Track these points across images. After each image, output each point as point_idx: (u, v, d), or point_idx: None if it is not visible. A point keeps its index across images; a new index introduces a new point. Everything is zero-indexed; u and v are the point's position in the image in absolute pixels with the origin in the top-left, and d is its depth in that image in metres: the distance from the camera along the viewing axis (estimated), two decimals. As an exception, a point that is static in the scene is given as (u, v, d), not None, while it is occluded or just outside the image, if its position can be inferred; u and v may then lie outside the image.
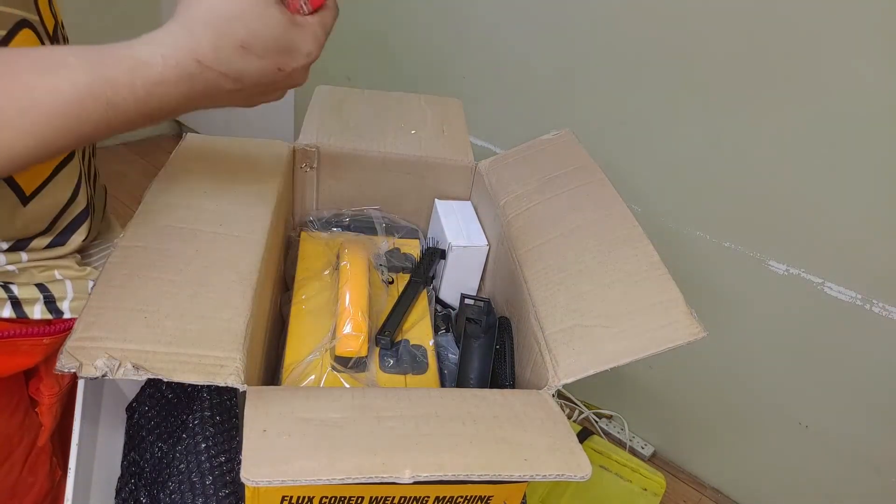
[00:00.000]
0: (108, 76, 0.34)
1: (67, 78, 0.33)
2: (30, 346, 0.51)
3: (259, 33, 0.38)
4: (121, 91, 0.34)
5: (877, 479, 1.13)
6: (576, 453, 0.39)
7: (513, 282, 0.58)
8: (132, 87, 0.34)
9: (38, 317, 0.51)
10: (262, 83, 0.40)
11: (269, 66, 0.39)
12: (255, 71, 0.39)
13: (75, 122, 0.34)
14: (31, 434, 0.56)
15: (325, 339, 0.54)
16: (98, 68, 0.34)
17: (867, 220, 0.98)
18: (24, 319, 0.50)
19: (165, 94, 0.36)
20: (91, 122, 0.34)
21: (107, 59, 0.34)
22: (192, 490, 0.46)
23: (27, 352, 0.51)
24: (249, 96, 0.41)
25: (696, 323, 0.45)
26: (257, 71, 0.39)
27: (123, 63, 0.34)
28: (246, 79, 0.39)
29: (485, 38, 1.33)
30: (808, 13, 0.93)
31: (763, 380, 1.20)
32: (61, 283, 0.53)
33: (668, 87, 1.10)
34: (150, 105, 0.36)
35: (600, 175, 0.63)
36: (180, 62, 0.36)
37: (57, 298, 0.52)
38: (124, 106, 0.35)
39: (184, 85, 0.36)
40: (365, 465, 0.36)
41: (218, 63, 0.37)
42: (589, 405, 1.46)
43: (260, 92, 0.42)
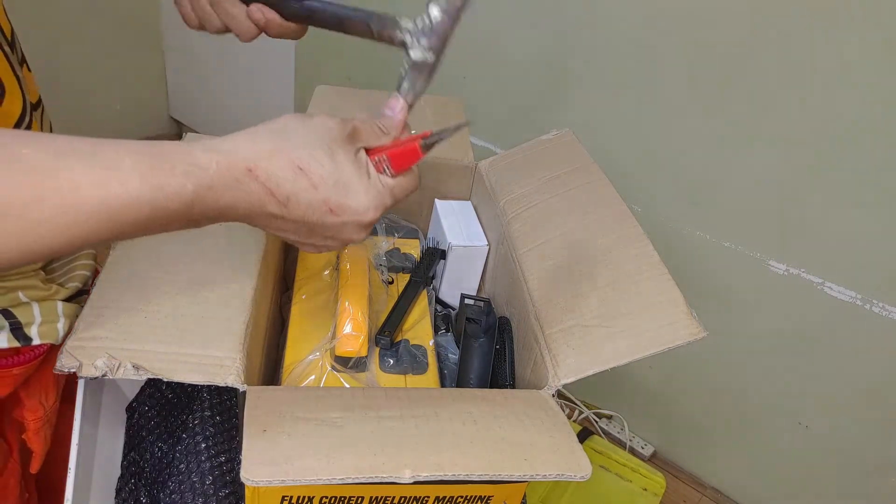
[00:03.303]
0: (161, 183, 0.32)
1: (119, 181, 0.31)
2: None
3: (321, 161, 0.36)
4: (170, 197, 0.32)
5: (877, 479, 1.13)
6: (576, 453, 0.39)
7: (513, 282, 0.58)
8: (181, 192, 0.33)
9: (4, 345, 0.47)
10: (308, 219, 0.36)
11: (320, 199, 0.36)
12: (304, 200, 0.36)
13: (116, 225, 0.32)
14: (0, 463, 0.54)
15: (325, 339, 0.54)
16: (152, 174, 0.32)
17: (867, 220, 0.98)
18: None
19: (211, 200, 0.34)
20: (131, 224, 0.33)
21: (163, 164, 0.32)
22: (192, 490, 0.46)
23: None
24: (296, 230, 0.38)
25: (696, 323, 0.45)
26: (306, 201, 0.36)
27: (178, 168, 0.33)
28: (292, 205, 0.36)
29: (485, 38, 1.32)
30: (808, 13, 0.93)
31: (763, 380, 1.20)
32: (27, 307, 0.49)
33: (669, 87, 1.10)
34: (194, 210, 0.34)
35: (600, 175, 0.63)
36: (231, 167, 0.34)
37: (24, 324, 0.48)
38: (170, 211, 0.33)
39: (229, 194, 0.34)
40: (365, 465, 0.36)
41: (268, 177, 0.34)
42: (589, 405, 1.46)
43: (307, 231, 0.38)
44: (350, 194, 0.37)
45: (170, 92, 2.27)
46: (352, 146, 0.38)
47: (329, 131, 0.37)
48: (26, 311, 0.49)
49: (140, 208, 0.32)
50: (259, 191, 0.35)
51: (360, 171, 0.38)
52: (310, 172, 0.35)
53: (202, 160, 0.33)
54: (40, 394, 0.54)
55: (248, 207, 0.35)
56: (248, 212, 0.35)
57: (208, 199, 0.34)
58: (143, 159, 0.32)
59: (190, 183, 0.33)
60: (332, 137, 0.37)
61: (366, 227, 0.39)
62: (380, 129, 0.40)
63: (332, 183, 0.36)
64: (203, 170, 0.33)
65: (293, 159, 0.35)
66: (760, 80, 1.00)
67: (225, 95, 2.10)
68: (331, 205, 0.36)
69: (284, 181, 0.35)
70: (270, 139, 0.36)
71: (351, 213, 0.37)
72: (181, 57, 2.16)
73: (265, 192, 0.35)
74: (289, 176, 0.35)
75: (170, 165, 0.32)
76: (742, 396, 1.24)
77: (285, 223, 0.37)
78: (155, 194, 0.32)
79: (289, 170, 0.35)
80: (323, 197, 0.36)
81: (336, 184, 0.36)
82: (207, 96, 2.17)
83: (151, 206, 0.32)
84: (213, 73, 2.08)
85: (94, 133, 0.33)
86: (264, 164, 0.35)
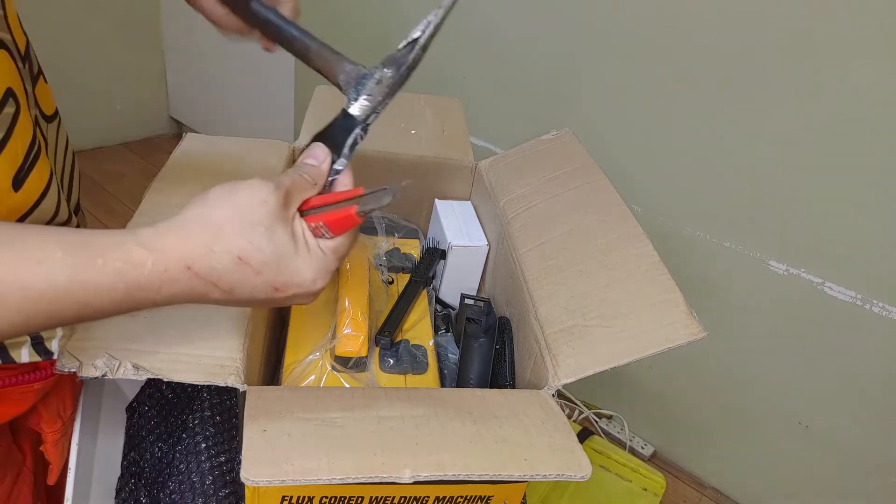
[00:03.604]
0: (91, 281, 0.31)
1: (46, 275, 0.31)
2: (20, 394, 0.49)
3: (261, 247, 0.34)
4: (101, 294, 0.32)
5: (877, 478, 1.13)
6: (576, 453, 0.39)
7: (513, 282, 0.58)
8: (113, 291, 0.32)
9: (25, 360, 0.47)
10: (256, 297, 0.36)
11: (264, 282, 0.35)
12: (248, 287, 0.35)
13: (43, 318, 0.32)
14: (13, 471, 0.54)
15: (325, 339, 0.54)
16: (82, 271, 0.31)
17: (867, 220, 0.98)
18: (11, 364, 0.47)
19: (145, 297, 0.33)
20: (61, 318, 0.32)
21: (95, 260, 0.32)
22: (192, 490, 0.46)
23: (17, 399, 0.49)
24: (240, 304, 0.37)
25: (696, 323, 0.45)
26: (250, 287, 0.35)
27: (110, 266, 0.32)
28: (237, 292, 0.35)
29: (485, 38, 1.32)
30: (808, 13, 0.93)
31: (763, 380, 1.20)
32: None
33: (669, 87, 1.10)
34: (127, 305, 0.33)
35: (600, 175, 0.63)
36: (169, 268, 0.33)
37: (45, 339, 0.48)
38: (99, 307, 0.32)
39: (167, 290, 0.33)
40: (365, 465, 0.36)
41: (209, 272, 0.34)
42: (589, 405, 1.46)
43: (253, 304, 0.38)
44: (294, 272, 0.36)
45: (170, 92, 2.27)
46: (286, 214, 0.36)
47: (263, 206, 0.35)
48: None
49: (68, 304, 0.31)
50: (200, 285, 0.34)
51: (300, 245, 0.36)
52: (250, 261, 0.34)
53: (136, 258, 0.32)
54: (58, 406, 0.54)
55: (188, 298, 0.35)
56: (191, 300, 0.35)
57: (141, 296, 0.33)
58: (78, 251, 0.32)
59: (121, 282, 0.32)
60: (267, 213, 0.35)
61: (316, 293, 0.38)
62: (306, 181, 0.39)
63: (275, 266, 0.35)
64: (137, 268, 0.32)
65: (231, 250, 0.34)
66: (760, 80, 1.00)
67: (225, 95, 2.11)
68: (276, 285, 0.36)
69: (226, 273, 0.34)
70: (204, 232, 0.34)
71: (296, 287, 0.36)
72: (181, 57, 2.16)
73: (208, 285, 0.34)
74: (230, 268, 0.34)
75: (101, 262, 0.32)
76: (742, 396, 1.24)
77: (230, 302, 0.36)
78: (84, 292, 0.31)
79: (229, 262, 0.34)
80: (267, 280, 0.35)
81: (278, 266, 0.35)
82: (207, 96, 2.17)
83: (80, 303, 0.32)
84: (213, 73, 2.08)
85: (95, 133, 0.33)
86: (202, 260, 0.34)
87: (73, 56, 1.95)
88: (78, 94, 1.96)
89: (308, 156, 0.41)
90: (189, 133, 0.66)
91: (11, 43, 0.44)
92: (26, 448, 0.56)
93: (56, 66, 0.53)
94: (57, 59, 1.94)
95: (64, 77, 1.99)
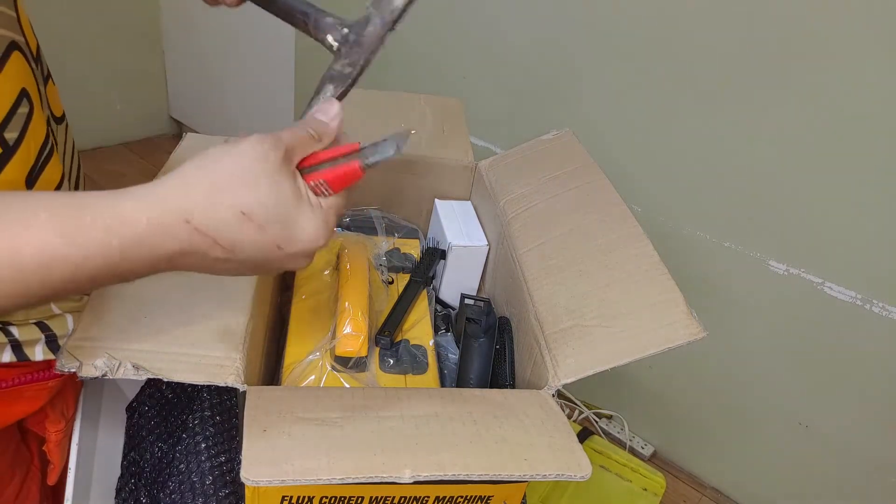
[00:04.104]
0: (81, 240, 0.30)
1: (35, 240, 0.29)
2: (34, 392, 0.49)
3: (264, 202, 0.33)
4: (93, 254, 0.30)
5: (877, 478, 1.13)
6: (576, 453, 0.39)
7: (513, 282, 0.58)
8: (106, 249, 0.30)
9: (39, 358, 0.47)
10: (255, 259, 0.35)
11: (268, 241, 0.34)
12: (251, 244, 0.33)
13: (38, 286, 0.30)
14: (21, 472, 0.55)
15: (325, 339, 0.54)
16: (70, 229, 0.29)
17: (867, 220, 0.98)
18: (26, 362, 0.47)
19: (141, 256, 0.31)
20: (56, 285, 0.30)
21: (83, 218, 0.30)
22: (192, 490, 0.46)
23: (32, 397, 0.49)
24: (239, 268, 0.36)
25: (696, 323, 0.45)
26: (253, 244, 0.34)
27: (100, 222, 0.30)
28: (238, 250, 0.33)
29: (485, 38, 1.32)
30: (808, 13, 0.93)
31: (763, 380, 1.20)
32: (61, 319, 0.50)
33: (669, 86, 1.10)
34: (122, 267, 0.31)
35: (600, 175, 0.63)
36: (166, 223, 0.31)
37: (59, 336, 0.49)
38: (93, 269, 0.30)
39: (165, 247, 0.31)
40: (365, 465, 0.36)
41: (210, 227, 0.32)
42: (589, 405, 1.46)
43: (252, 266, 0.36)
44: (297, 229, 0.35)
45: (170, 92, 2.28)
46: (289, 170, 0.35)
47: (264, 161, 0.34)
48: (61, 322, 0.50)
49: (62, 268, 0.30)
50: (201, 241, 0.32)
51: (302, 200, 0.35)
52: (254, 216, 0.33)
53: (129, 215, 0.30)
54: (63, 406, 0.54)
55: (187, 256, 0.33)
56: (188, 260, 0.33)
57: (136, 254, 0.31)
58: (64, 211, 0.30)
59: (114, 239, 0.30)
60: (269, 168, 0.34)
61: (314, 253, 0.37)
62: (311, 136, 0.37)
63: (279, 222, 0.34)
64: (131, 225, 0.30)
65: (234, 205, 0.32)
66: (760, 80, 1.00)
67: (225, 95, 2.11)
68: (279, 242, 0.34)
69: (228, 228, 0.32)
70: (205, 184, 0.32)
71: (300, 245, 0.35)
72: (181, 57, 2.16)
73: (209, 241, 0.32)
74: (232, 222, 0.32)
75: (90, 220, 0.30)
76: (742, 396, 1.24)
77: (230, 264, 0.35)
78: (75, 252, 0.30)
79: (231, 217, 0.32)
80: (271, 237, 0.34)
81: (282, 222, 0.34)
82: (207, 96, 2.17)
83: (73, 266, 0.30)
84: (213, 74, 2.08)
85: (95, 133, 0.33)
86: (203, 213, 0.32)
87: (73, 56, 1.95)
88: (78, 95, 1.96)
89: (319, 110, 0.39)
90: (189, 133, 0.66)
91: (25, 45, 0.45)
92: (34, 447, 0.57)
93: (56, 66, 0.54)
94: (57, 60, 1.94)
95: (64, 77, 1.98)
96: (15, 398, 0.48)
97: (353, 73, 0.41)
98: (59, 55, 1.89)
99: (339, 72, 0.42)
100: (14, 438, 0.54)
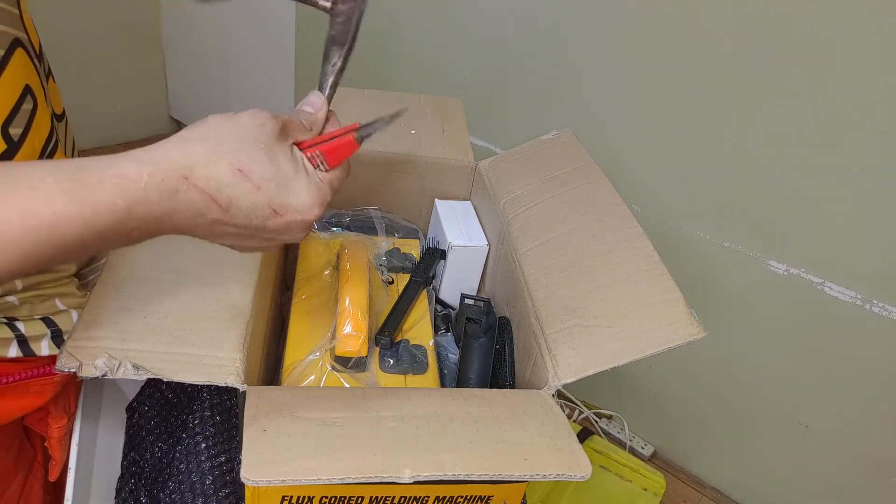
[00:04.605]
0: (89, 199, 0.30)
1: (43, 201, 0.30)
2: (40, 387, 0.49)
3: (261, 162, 0.34)
4: (101, 213, 0.31)
5: (877, 478, 1.13)
6: (576, 453, 0.39)
7: (513, 282, 0.58)
8: (112, 207, 0.31)
9: (45, 353, 0.48)
10: (252, 222, 0.35)
11: (263, 201, 0.34)
12: (247, 203, 0.34)
13: (48, 246, 0.30)
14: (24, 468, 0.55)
15: (325, 339, 0.54)
16: (78, 190, 0.30)
17: (867, 220, 0.98)
18: (32, 357, 0.48)
19: (147, 213, 0.32)
20: (65, 245, 0.31)
21: (89, 179, 0.31)
22: (192, 490, 0.46)
23: (38, 392, 0.49)
24: (237, 234, 0.36)
25: (696, 323, 0.45)
26: (249, 204, 0.34)
27: (106, 182, 0.31)
28: (234, 210, 0.34)
29: (485, 38, 1.32)
30: (808, 13, 0.93)
31: (763, 380, 1.20)
32: (66, 314, 0.50)
33: (669, 86, 1.10)
34: (128, 226, 0.32)
35: (600, 175, 0.63)
36: (166, 178, 0.32)
37: (65, 332, 0.49)
38: (102, 227, 0.31)
39: (166, 204, 0.32)
40: (365, 465, 0.36)
41: (207, 182, 0.33)
42: (589, 405, 1.46)
43: (249, 233, 0.36)
44: (292, 193, 0.36)
45: (170, 92, 2.27)
46: (285, 140, 0.37)
47: (262, 128, 0.35)
48: (66, 318, 0.50)
49: (69, 228, 0.30)
50: (199, 198, 0.33)
51: (299, 168, 0.36)
52: (251, 174, 0.34)
53: (131, 173, 0.31)
54: (65, 402, 0.54)
55: (187, 217, 0.33)
56: (188, 221, 0.34)
57: (141, 212, 0.32)
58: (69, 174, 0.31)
59: (120, 198, 0.31)
60: (267, 134, 0.35)
61: (309, 225, 0.38)
62: (302, 124, 0.39)
63: (275, 183, 0.35)
64: (133, 182, 0.31)
65: (232, 162, 0.33)
66: (760, 79, 1.00)
67: (225, 96, 2.11)
68: (274, 206, 0.35)
69: (225, 186, 0.33)
70: (203, 143, 0.34)
71: (294, 212, 0.36)
72: (181, 57, 2.16)
73: (205, 199, 0.33)
74: (229, 180, 0.33)
75: (96, 180, 0.31)
76: (742, 396, 1.24)
77: (226, 227, 0.35)
78: (83, 211, 0.30)
79: (229, 174, 0.33)
80: (266, 199, 0.35)
81: (278, 184, 0.35)
82: (207, 96, 2.17)
83: (82, 224, 0.30)
84: (213, 74, 2.08)
85: (95, 133, 0.33)
86: (201, 170, 0.33)
87: (73, 56, 1.95)
88: (78, 94, 1.95)
89: (304, 103, 0.41)
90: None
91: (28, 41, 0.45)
92: (37, 445, 0.57)
93: (57, 65, 0.54)
94: (57, 59, 1.94)
95: (64, 77, 1.99)
96: (21, 392, 0.48)
97: (350, 28, 0.42)
98: (60, 55, 1.88)
99: (339, 30, 0.43)
100: (18, 435, 0.54)
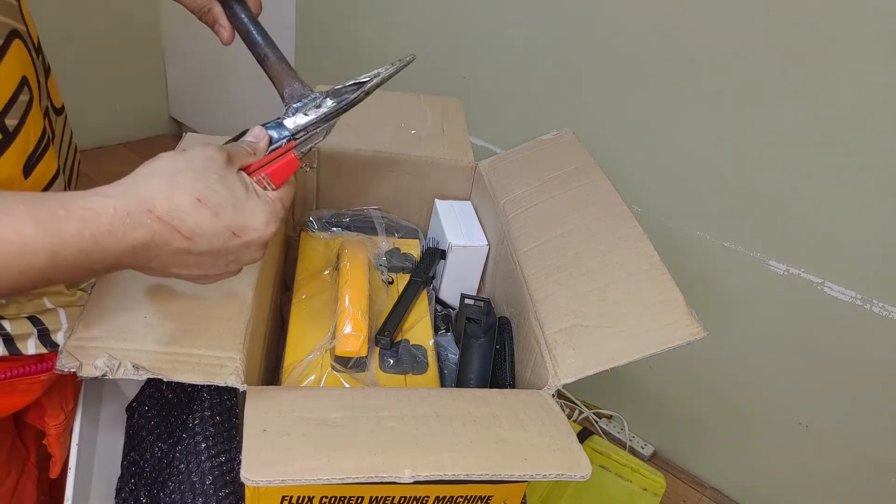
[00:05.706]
0: (56, 227, 0.32)
1: (13, 227, 0.31)
2: (27, 385, 0.49)
3: (216, 189, 0.37)
4: (68, 243, 0.32)
5: (877, 478, 1.13)
6: (576, 453, 0.39)
7: (513, 282, 0.58)
8: (79, 239, 0.32)
9: (32, 352, 0.49)
10: (214, 247, 0.37)
11: (223, 225, 0.37)
12: (209, 229, 0.37)
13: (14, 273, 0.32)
14: (17, 467, 0.55)
15: (325, 339, 0.54)
16: (46, 218, 0.32)
17: (867, 220, 0.98)
18: (18, 356, 0.48)
19: (112, 245, 0.34)
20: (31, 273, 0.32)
21: (58, 209, 0.32)
22: (192, 490, 0.46)
23: (25, 390, 0.50)
24: (199, 262, 0.38)
25: (696, 323, 0.45)
26: (211, 230, 0.37)
27: (74, 213, 0.33)
28: (198, 238, 0.36)
29: (485, 38, 1.32)
30: (808, 13, 0.93)
31: (763, 380, 1.20)
32: (54, 313, 0.50)
33: (669, 86, 1.10)
34: (93, 257, 0.33)
35: (600, 175, 0.63)
36: (132, 211, 0.34)
37: (51, 331, 0.50)
38: (67, 257, 0.33)
39: (131, 236, 0.34)
40: (365, 465, 0.36)
41: (171, 214, 0.35)
42: (589, 405, 1.46)
43: (211, 261, 0.39)
44: (248, 214, 0.38)
45: (170, 92, 2.27)
46: (233, 168, 0.40)
47: (211, 160, 0.38)
48: (53, 317, 0.50)
49: (36, 256, 0.32)
50: (163, 230, 0.35)
51: (249, 191, 0.39)
52: (208, 202, 0.36)
53: (98, 206, 0.33)
54: (61, 399, 0.54)
55: (151, 248, 0.35)
56: (152, 253, 0.36)
57: (107, 244, 0.33)
58: (39, 203, 0.32)
59: (87, 230, 0.33)
60: (217, 164, 0.38)
61: (266, 243, 0.40)
62: (246, 150, 0.42)
63: (231, 207, 0.37)
64: (100, 214, 0.33)
65: (190, 192, 0.36)
66: (760, 79, 1.00)
67: (225, 95, 2.10)
68: (233, 228, 0.38)
69: (187, 216, 0.36)
70: (161, 177, 0.36)
71: (252, 231, 0.39)
72: (181, 57, 2.15)
73: (169, 229, 0.35)
74: (190, 209, 0.36)
75: (65, 211, 0.32)
76: (742, 396, 1.24)
77: (190, 257, 0.37)
78: (50, 240, 0.32)
79: (189, 204, 0.36)
80: (225, 223, 0.37)
81: (234, 207, 0.38)
82: (207, 96, 2.17)
83: (48, 253, 0.32)
84: (213, 73, 2.08)
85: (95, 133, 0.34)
86: (163, 203, 0.35)
87: (72, 56, 1.95)
88: (78, 94, 1.95)
89: (248, 134, 0.45)
90: (189, 133, 0.66)
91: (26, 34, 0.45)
92: (31, 444, 0.57)
93: (56, 65, 0.54)
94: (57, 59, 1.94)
95: (64, 76, 1.99)
96: (8, 391, 0.48)
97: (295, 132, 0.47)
98: (60, 55, 1.88)
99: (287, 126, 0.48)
100: (9, 436, 0.54)
